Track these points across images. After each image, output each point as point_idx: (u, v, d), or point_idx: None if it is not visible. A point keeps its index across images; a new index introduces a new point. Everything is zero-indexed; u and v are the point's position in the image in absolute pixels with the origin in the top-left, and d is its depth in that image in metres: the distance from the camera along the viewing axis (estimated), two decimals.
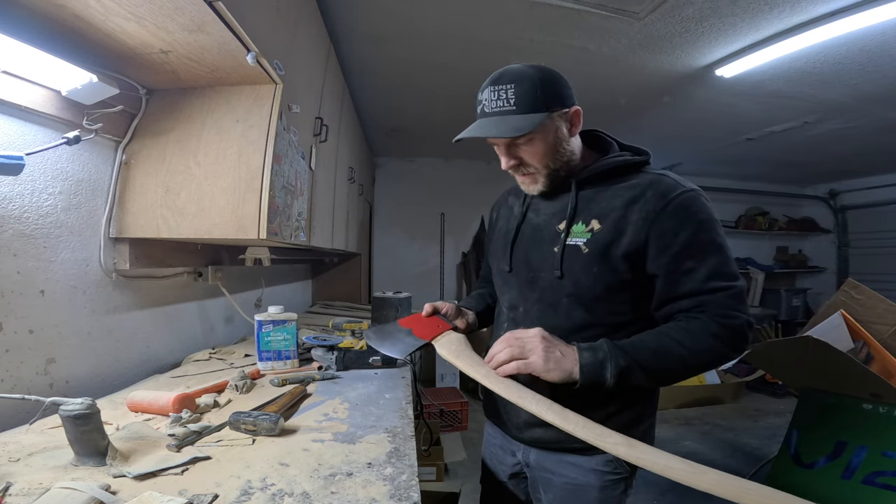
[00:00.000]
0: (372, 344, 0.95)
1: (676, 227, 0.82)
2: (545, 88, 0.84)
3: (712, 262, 0.82)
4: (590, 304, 0.88)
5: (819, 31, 1.89)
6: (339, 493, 0.64)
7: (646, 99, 2.80)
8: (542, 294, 0.93)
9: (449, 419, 3.25)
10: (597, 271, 0.86)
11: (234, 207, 1.13)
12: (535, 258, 0.95)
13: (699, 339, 0.80)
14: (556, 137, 0.87)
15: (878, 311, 2.39)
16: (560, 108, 0.86)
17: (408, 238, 4.63)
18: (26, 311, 0.94)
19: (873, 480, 2.12)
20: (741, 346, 0.83)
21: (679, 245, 0.82)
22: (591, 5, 1.79)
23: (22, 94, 0.91)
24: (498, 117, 0.84)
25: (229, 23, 0.90)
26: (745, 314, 0.83)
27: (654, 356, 0.81)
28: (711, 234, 0.84)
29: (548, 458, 0.95)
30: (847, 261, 5.34)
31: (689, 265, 0.83)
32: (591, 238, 0.87)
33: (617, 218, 0.86)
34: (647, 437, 0.93)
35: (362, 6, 1.82)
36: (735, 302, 0.83)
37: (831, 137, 3.50)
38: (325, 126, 1.70)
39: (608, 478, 0.91)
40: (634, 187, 0.87)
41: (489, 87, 0.85)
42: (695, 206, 0.84)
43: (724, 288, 0.82)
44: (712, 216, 0.85)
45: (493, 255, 1.09)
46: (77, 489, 0.59)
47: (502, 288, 1.03)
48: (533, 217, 0.99)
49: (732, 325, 0.81)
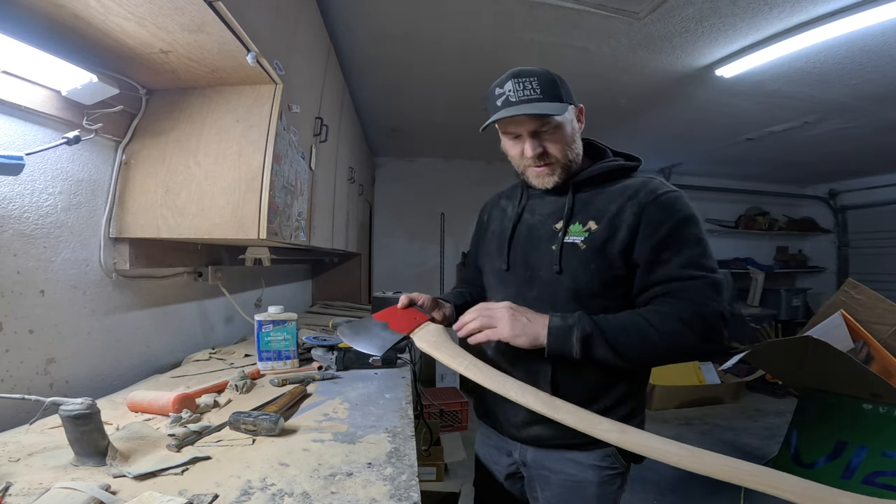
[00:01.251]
0: (346, 340, 0.93)
1: (660, 219, 0.87)
2: (561, 84, 0.91)
3: (689, 254, 0.86)
4: (586, 300, 0.90)
5: (819, 31, 1.89)
6: (339, 493, 0.64)
7: (646, 99, 2.80)
8: (541, 292, 0.94)
9: (449, 419, 3.25)
10: (594, 267, 0.89)
11: (234, 207, 1.13)
12: (533, 257, 0.97)
13: (668, 322, 0.82)
14: (573, 129, 0.93)
15: (878, 311, 2.39)
16: (572, 104, 0.92)
17: (408, 238, 4.63)
18: (26, 311, 0.94)
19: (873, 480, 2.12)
20: (711, 336, 0.83)
21: (660, 236, 0.86)
22: (591, 5, 1.79)
23: (22, 94, 0.91)
24: (528, 103, 0.87)
25: (229, 23, 0.90)
26: (718, 304, 0.83)
27: (622, 331, 0.83)
28: (692, 229, 0.88)
29: (546, 455, 0.96)
30: (847, 261, 5.34)
31: (667, 255, 0.86)
32: (588, 236, 0.90)
33: (612, 217, 0.89)
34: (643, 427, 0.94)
35: (362, 6, 1.82)
36: (709, 290, 0.84)
37: (831, 137, 3.50)
38: (325, 126, 1.70)
39: (606, 473, 0.92)
40: (627, 189, 0.92)
41: (511, 80, 0.88)
42: (679, 204, 0.89)
43: (699, 276, 0.84)
44: (694, 215, 0.89)
45: (486, 255, 1.10)
46: (77, 489, 0.59)
47: (497, 287, 1.04)
48: (529, 217, 1.01)
49: (703, 313, 0.82)
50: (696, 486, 2.55)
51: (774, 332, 4.68)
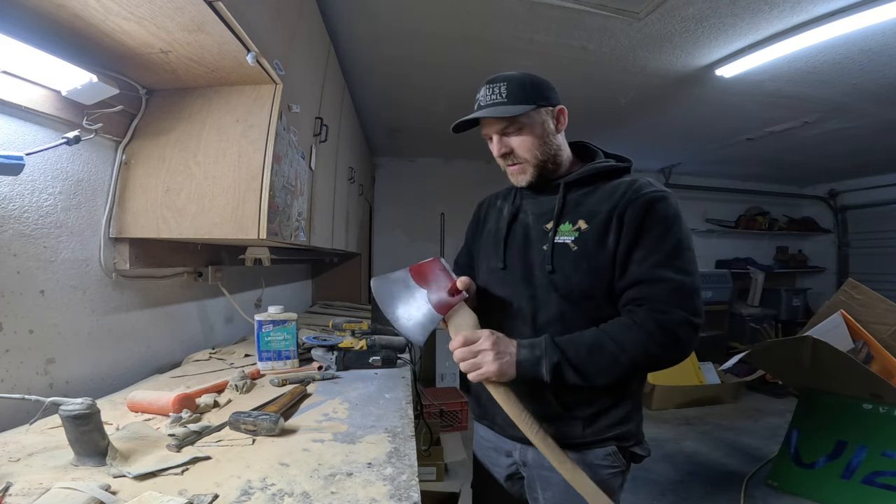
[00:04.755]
0: (380, 301, 0.93)
1: (639, 218, 0.87)
2: (532, 87, 0.93)
3: (663, 253, 0.85)
4: (577, 301, 0.91)
5: (819, 31, 1.89)
6: (339, 493, 0.64)
7: (646, 99, 2.80)
8: (535, 291, 0.96)
9: (449, 419, 3.25)
10: (585, 268, 0.90)
11: (233, 207, 1.13)
12: (528, 257, 0.99)
13: (632, 336, 0.83)
14: (544, 130, 0.95)
15: (878, 311, 2.39)
16: (546, 105, 0.95)
17: (408, 238, 4.63)
18: (26, 311, 0.94)
19: (873, 480, 2.13)
20: (676, 345, 0.83)
21: (636, 234, 0.87)
22: (591, 5, 1.79)
23: (22, 94, 0.91)
24: (491, 107, 0.93)
25: (229, 23, 0.90)
26: (683, 310, 0.83)
27: (588, 354, 0.84)
28: (672, 230, 0.87)
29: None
30: (847, 261, 5.34)
31: (640, 254, 0.87)
32: (578, 237, 0.92)
33: (603, 218, 0.90)
34: (640, 432, 0.97)
35: (362, 6, 1.82)
36: (675, 297, 0.83)
37: (831, 137, 3.50)
38: (325, 126, 1.70)
39: (607, 471, 0.93)
40: (616, 189, 0.93)
41: (484, 86, 0.95)
42: (662, 204, 0.88)
43: (667, 279, 0.84)
44: (677, 215, 0.89)
45: (483, 253, 1.11)
46: (77, 489, 0.59)
47: (493, 286, 1.04)
48: (523, 218, 1.03)
49: (667, 323, 0.82)
50: (695, 486, 2.55)
51: (774, 332, 4.68)
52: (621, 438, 0.93)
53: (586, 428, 0.92)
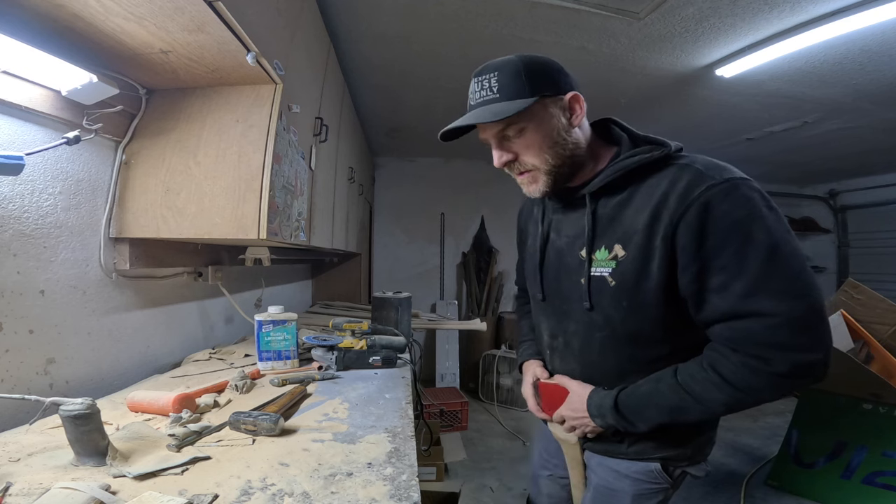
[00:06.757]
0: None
1: (699, 234, 0.67)
2: (531, 74, 0.75)
3: (751, 275, 0.64)
4: (622, 339, 0.80)
5: (819, 31, 1.89)
6: (339, 493, 0.64)
7: (645, 99, 2.80)
8: (577, 327, 0.86)
9: (449, 419, 3.25)
10: (626, 305, 0.76)
11: (233, 207, 1.13)
12: (565, 288, 0.88)
13: (723, 398, 0.69)
14: (553, 127, 0.77)
15: (878, 311, 2.39)
16: (552, 94, 0.76)
17: (408, 238, 4.63)
18: (26, 311, 0.94)
19: (873, 480, 2.13)
20: (777, 394, 0.68)
21: (701, 257, 0.67)
22: (591, 5, 1.79)
23: (22, 94, 0.91)
24: (481, 108, 0.76)
25: (229, 23, 0.90)
26: (794, 352, 0.64)
27: (669, 415, 0.74)
28: (754, 236, 0.65)
29: (590, 457, 0.96)
30: (847, 261, 5.34)
31: (720, 280, 0.66)
32: (616, 268, 0.76)
33: (642, 243, 0.73)
34: (698, 453, 0.88)
35: (362, 6, 1.82)
36: (779, 335, 0.64)
37: (831, 137, 3.50)
38: (325, 126, 1.70)
39: (644, 486, 0.87)
40: (654, 191, 0.74)
41: (473, 79, 0.79)
42: (728, 201, 0.67)
43: (763, 314, 0.64)
44: (758, 211, 0.67)
45: (527, 276, 1.01)
46: (77, 489, 0.59)
47: (539, 315, 0.98)
48: (555, 238, 0.90)
49: (764, 375, 0.65)
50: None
51: None
52: (669, 459, 0.85)
53: (630, 446, 0.87)
